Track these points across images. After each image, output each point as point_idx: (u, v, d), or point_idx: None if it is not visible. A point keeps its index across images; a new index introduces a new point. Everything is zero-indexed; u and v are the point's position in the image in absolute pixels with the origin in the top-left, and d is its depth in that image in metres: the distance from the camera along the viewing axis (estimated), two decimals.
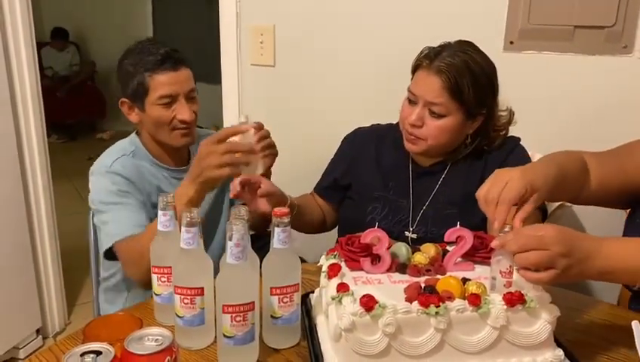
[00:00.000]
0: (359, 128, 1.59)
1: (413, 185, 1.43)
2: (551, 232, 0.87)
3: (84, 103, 6.17)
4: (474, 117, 1.36)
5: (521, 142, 1.45)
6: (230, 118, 2.19)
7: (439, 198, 1.40)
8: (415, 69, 1.38)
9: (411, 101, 1.35)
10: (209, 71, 2.36)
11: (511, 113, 1.43)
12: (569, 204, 1.75)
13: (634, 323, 0.79)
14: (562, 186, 1.06)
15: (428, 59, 1.34)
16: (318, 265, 1.07)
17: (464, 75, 1.30)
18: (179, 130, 1.49)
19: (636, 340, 0.78)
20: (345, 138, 1.60)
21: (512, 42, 1.79)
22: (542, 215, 1.37)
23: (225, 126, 2.22)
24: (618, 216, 1.33)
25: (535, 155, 1.50)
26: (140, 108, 1.50)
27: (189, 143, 1.55)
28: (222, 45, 2.12)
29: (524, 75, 1.80)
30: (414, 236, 1.39)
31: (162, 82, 1.45)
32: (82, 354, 0.73)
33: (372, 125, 1.59)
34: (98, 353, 0.73)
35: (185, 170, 1.54)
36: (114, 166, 1.47)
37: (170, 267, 1.02)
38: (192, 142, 1.54)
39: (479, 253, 1.06)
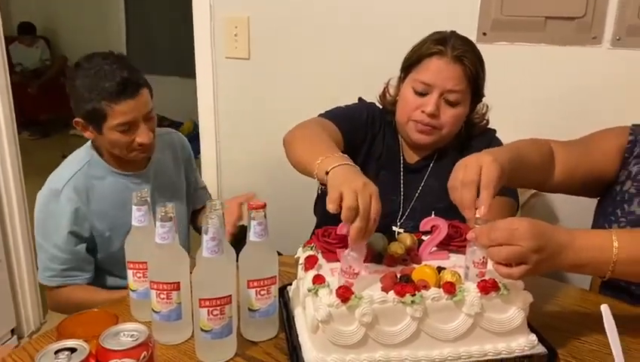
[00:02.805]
0: (373, 104, 1.51)
1: (403, 181, 1.43)
2: (523, 227, 0.88)
3: (57, 99, 6.02)
4: (475, 104, 1.38)
5: (496, 134, 1.46)
6: (205, 111, 2.17)
7: (427, 193, 1.41)
8: (422, 57, 1.34)
9: (420, 92, 1.33)
10: (184, 64, 2.34)
11: (485, 106, 1.44)
12: (543, 193, 1.79)
13: (603, 307, 0.81)
14: (519, 172, 1.07)
15: (441, 46, 1.31)
16: (296, 257, 1.07)
17: (478, 62, 1.33)
18: (137, 150, 1.47)
19: (605, 324, 0.80)
20: (363, 103, 1.50)
21: (484, 33, 1.81)
22: (516, 204, 1.39)
23: (200, 117, 2.20)
24: (590, 205, 1.36)
25: None
26: (96, 131, 1.45)
27: (147, 158, 1.55)
28: (196, 38, 2.10)
29: (498, 66, 1.80)
30: (401, 230, 1.39)
31: (122, 111, 1.39)
32: (56, 352, 0.72)
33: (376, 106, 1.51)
34: (73, 350, 0.72)
35: (144, 174, 1.56)
36: (65, 191, 1.45)
37: (146, 262, 1.02)
38: (150, 155, 1.54)
39: (454, 242, 1.07)
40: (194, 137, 2.25)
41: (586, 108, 1.74)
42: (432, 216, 1.06)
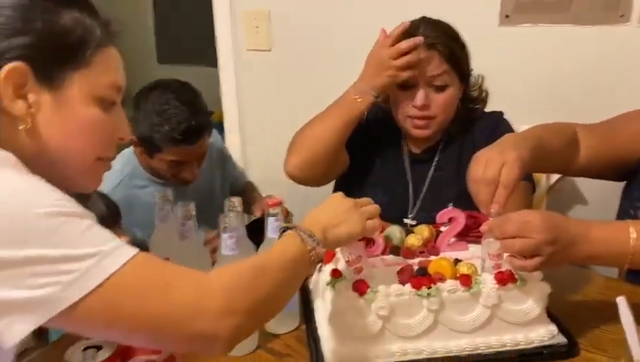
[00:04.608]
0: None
1: (410, 171, 1.43)
2: (536, 220, 0.88)
3: None
4: (466, 80, 1.37)
5: (505, 116, 1.43)
6: (229, 103, 2.20)
7: (437, 183, 1.40)
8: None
9: (406, 87, 1.33)
10: (209, 54, 2.37)
11: (480, 77, 1.42)
12: (571, 177, 1.76)
13: (619, 299, 0.80)
14: (540, 161, 1.06)
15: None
16: None
17: (451, 41, 1.32)
18: (180, 180, 1.49)
19: (621, 316, 0.79)
20: None
21: (507, 16, 1.77)
22: (532, 187, 1.37)
23: (224, 109, 2.23)
24: (618, 188, 1.33)
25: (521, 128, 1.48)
26: (147, 154, 1.48)
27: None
28: (217, 31, 2.11)
29: (521, 49, 1.78)
30: (414, 223, 1.39)
31: (176, 152, 1.42)
32: (84, 349, 0.76)
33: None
34: (99, 348, 0.76)
35: (189, 189, 1.53)
36: None
37: (169, 258, 1.05)
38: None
39: (472, 233, 1.07)
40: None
41: (613, 89, 1.70)
42: (450, 207, 1.07)
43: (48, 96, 0.68)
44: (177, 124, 1.39)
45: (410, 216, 1.39)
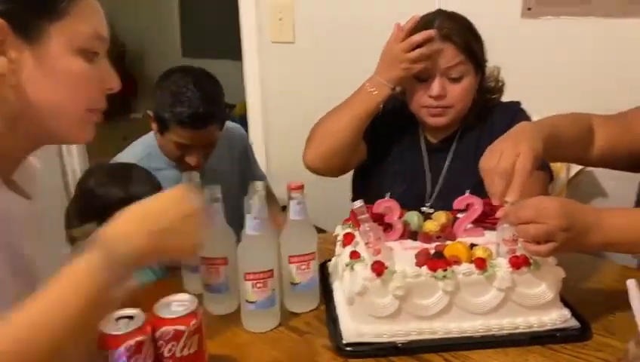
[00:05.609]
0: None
1: (428, 160, 1.46)
2: (551, 206, 0.90)
3: None
4: (482, 70, 1.39)
5: (522, 106, 1.44)
6: (253, 95, 2.24)
7: (453, 173, 1.42)
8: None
9: (422, 79, 1.35)
10: (234, 47, 2.42)
11: (496, 68, 1.43)
12: (589, 169, 1.76)
13: (628, 282, 0.81)
14: (554, 149, 1.07)
15: None
16: (334, 234, 1.13)
17: (465, 32, 1.34)
18: (186, 165, 1.54)
19: (631, 300, 0.81)
20: None
21: (529, 8, 1.78)
22: (548, 176, 1.38)
23: (248, 101, 2.28)
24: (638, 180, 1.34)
25: None
26: (159, 131, 1.55)
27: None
28: (241, 23, 2.16)
29: (543, 42, 1.79)
30: (431, 211, 1.42)
31: (181, 135, 1.49)
32: (117, 319, 0.81)
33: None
34: (130, 318, 0.81)
35: (205, 170, 1.56)
36: None
37: None
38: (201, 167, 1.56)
39: (489, 219, 1.09)
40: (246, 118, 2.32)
41: (636, 83, 1.69)
42: (467, 193, 1.09)
43: (29, 52, 0.69)
44: (187, 108, 1.46)
45: (427, 204, 1.41)
